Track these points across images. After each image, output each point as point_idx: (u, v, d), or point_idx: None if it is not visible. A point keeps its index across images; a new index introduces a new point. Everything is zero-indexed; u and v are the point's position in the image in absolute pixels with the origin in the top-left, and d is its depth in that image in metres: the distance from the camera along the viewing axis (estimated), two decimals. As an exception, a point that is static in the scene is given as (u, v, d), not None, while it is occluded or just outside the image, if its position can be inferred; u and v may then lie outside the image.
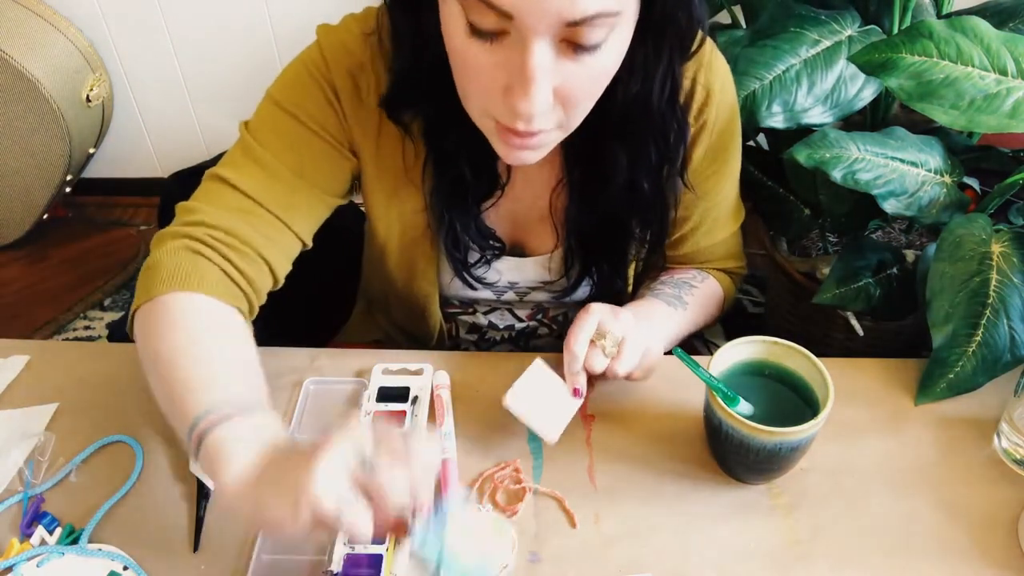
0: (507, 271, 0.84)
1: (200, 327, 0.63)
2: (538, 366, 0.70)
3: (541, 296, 0.88)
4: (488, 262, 0.82)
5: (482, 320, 0.92)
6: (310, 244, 0.75)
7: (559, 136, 0.62)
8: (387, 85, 0.69)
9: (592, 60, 0.55)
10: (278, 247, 0.71)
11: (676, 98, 0.68)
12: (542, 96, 0.54)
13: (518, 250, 0.84)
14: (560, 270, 0.84)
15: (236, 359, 0.62)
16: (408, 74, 0.66)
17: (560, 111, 0.58)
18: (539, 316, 0.93)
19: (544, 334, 0.95)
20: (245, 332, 0.66)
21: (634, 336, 0.69)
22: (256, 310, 0.72)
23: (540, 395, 0.68)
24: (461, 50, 0.56)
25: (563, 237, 0.80)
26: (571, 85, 0.56)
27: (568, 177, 0.76)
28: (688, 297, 0.82)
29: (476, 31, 0.53)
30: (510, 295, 0.88)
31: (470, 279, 0.82)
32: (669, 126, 0.69)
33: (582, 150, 0.72)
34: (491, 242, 0.80)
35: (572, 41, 0.53)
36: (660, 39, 0.61)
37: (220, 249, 0.67)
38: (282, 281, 0.73)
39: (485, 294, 0.87)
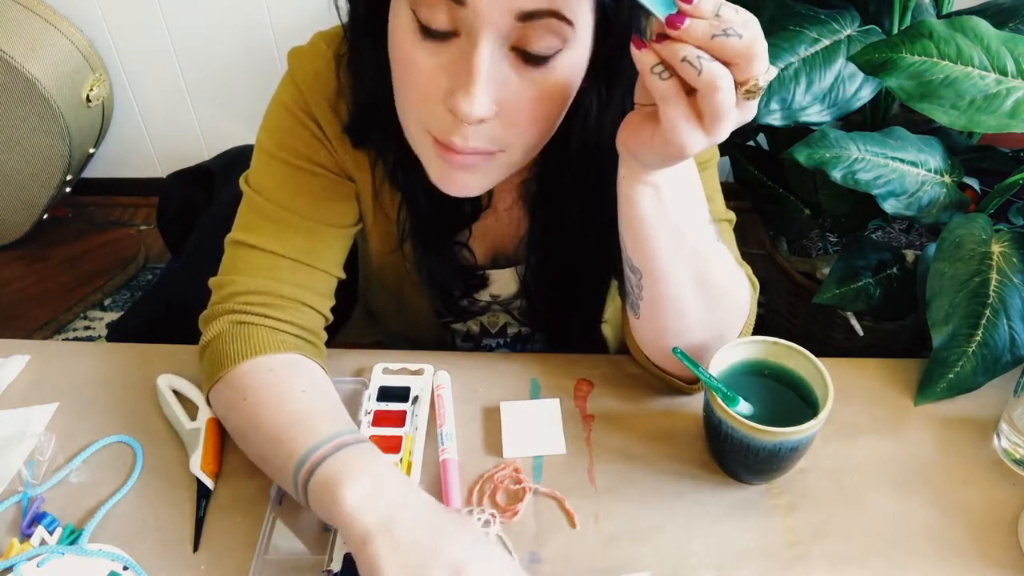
0: (486, 288, 0.85)
1: (281, 383, 0.66)
2: None
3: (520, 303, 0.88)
4: (468, 295, 0.83)
5: (474, 328, 0.93)
6: (342, 275, 0.76)
7: (499, 167, 0.61)
8: (348, 114, 0.68)
9: (539, 77, 0.54)
10: (311, 289, 0.73)
11: None
12: (483, 97, 0.53)
13: (499, 260, 0.83)
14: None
15: (324, 400, 0.66)
16: (369, 103, 0.66)
17: (499, 129, 0.56)
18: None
19: (540, 338, 0.95)
20: (317, 372, 0.70)
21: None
22: (322, 344, 0.75)
23: None
24: (408, 55, 0.55)
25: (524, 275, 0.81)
26: (514, 100, 0.55)
27: (530, 218, 0.76)
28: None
29: (426, 32, 0.53)
30: (496, 309, 0.88)
31: (454, 311, 0.84)
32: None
33: (542, 193, 0.73)
34: (469, 280, 0.81)
35: (522, 48, 0.52)
36: (613, 82, 0.60)
37: (258, 311, 0.70)
38: (330, 315, 0.76)
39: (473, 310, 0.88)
